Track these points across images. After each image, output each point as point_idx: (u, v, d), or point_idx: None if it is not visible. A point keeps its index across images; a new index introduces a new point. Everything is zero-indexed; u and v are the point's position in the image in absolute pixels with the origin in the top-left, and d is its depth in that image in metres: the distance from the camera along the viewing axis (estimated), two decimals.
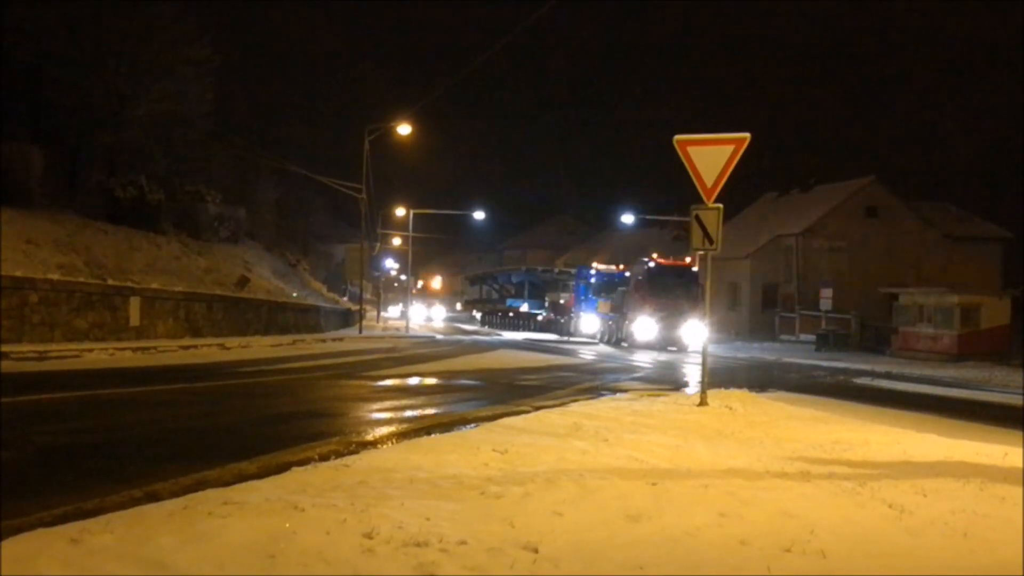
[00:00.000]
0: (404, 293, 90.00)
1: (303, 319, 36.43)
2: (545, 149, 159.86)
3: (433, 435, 8.22)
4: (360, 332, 37.45)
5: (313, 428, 9.43)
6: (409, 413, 11.11)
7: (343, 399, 12.73)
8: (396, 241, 68.69)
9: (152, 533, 4.29)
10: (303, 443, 8.14)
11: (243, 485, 5.49)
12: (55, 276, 21.06)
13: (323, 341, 30.35)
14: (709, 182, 11.20)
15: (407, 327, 45.98)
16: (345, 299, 59.24)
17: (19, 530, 4.69)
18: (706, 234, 11.30)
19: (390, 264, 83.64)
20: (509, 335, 48.98)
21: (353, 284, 70.16)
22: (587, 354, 30.22)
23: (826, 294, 43.41)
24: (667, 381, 17.89)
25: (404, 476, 5.86)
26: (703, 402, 11.40)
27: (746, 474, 6.48)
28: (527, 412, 10.76)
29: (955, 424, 12.56)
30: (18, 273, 19.78)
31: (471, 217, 63.02)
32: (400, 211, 57.15)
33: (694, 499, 5.59)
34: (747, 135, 11.08)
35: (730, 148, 11.09)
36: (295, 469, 6.19)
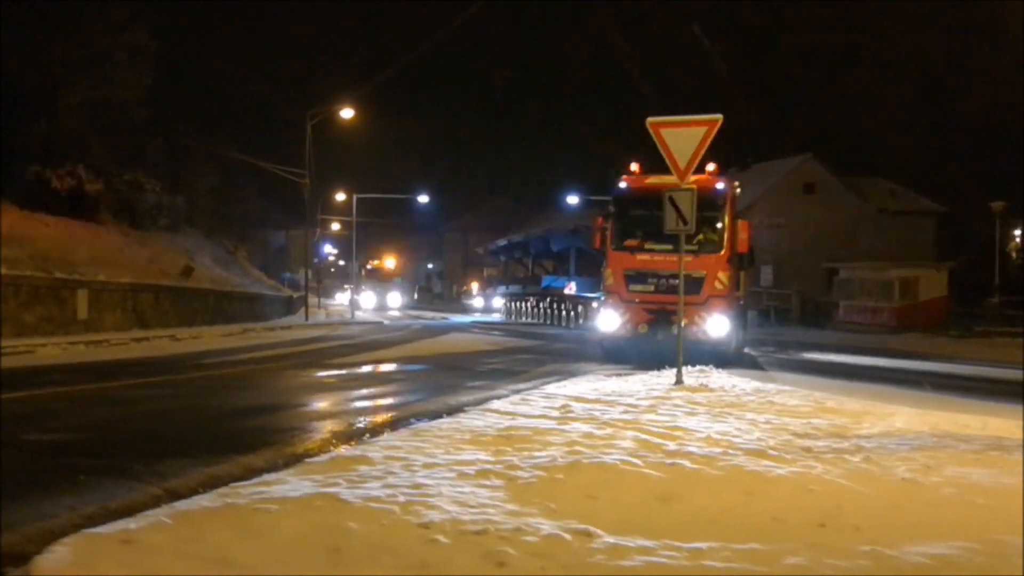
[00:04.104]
0: (344, 279, 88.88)
1: (249, 308, 36.00)
2: (484, 131, 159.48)
3: (429, 422, 8.20)
4: (307, 320, 37.13)
5: (300, 418, 9.42)
6: (390, 400, 11.13)
7: (317, 388, 12.69)
8: (335, 226, 68.02)
9: (203, 531, 4.25)
10: (297, 434, 8.15)
11: (270, 478, 5.45)
12: (2, 270, 20.52)
13: (272, 330, 30.06)
14: (682, 163, 11.36)
15: (352, 314, 45.62)
16: (285, 286, 58.54)
17: (52, 532, 4.63)
18: (680, 215, 11.44)
19: (328, 250, 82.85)
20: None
21: (291, 271, 69.45)
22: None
23: (766, 270, 44.12)
24: (626, 361, 17.62)
25: (424, 464, 5.88)
26: (679, 380, 11.55)
27: (752, 452, 6.59)
28: (507, 396, 10.83)
29: (919, 396, 12.84)
30: None
31: (412, 201, 62.32)
32: (340, 196, 56.69)
33: (714, 478, 5.69)
34: (719, 116, 11.24)
35: (702, 130, 11.24)
36: (308, 462, 6.16)
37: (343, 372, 15.09)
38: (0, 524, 4.86)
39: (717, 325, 17.00)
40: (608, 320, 18.14)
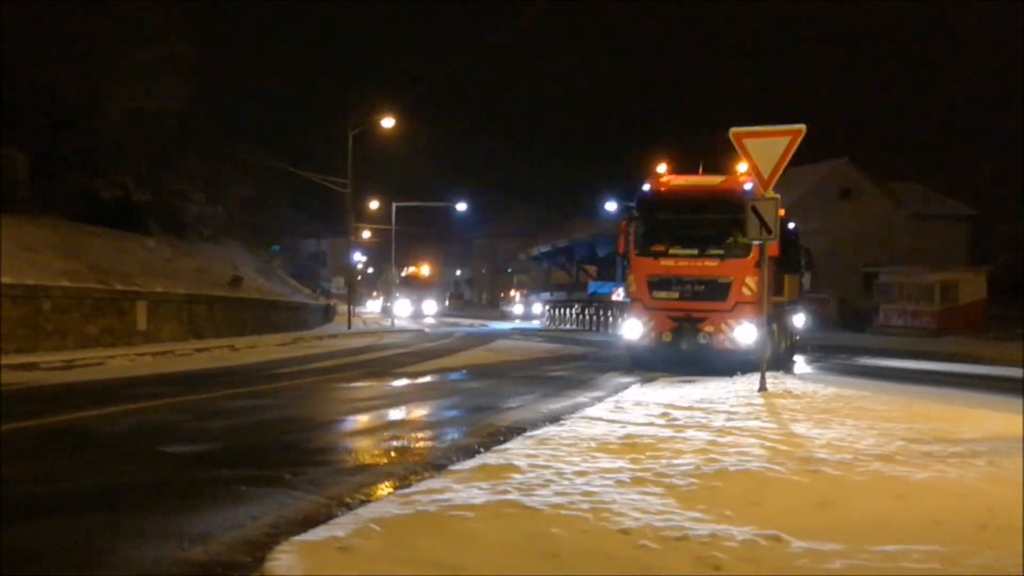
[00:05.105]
0: (371, 287, 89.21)
1: (293, 317, 36.40)
2: (511, 137, 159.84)
3: (542, 430, 8.40)
4: (350, 328, 37.46)
5: (406, 427, 9.75)
6: (482, 409, 11.28)
7: (404, 398, 12.99)
8: (365, 234, 68.54)
9: (412, 538, 4.49)
10: (416, 443, 8.47)
11: (435, 485, 5.68)
12: (66, 283, 20.90)
13: (321, 339, 30.34)
14: (766, 173, 11.54)
15: (392, 322, 45.99)
16: (319, 294, 58.97)
17: (248, 541, 4.88)
18: (763, 224, 11.61)
19: (358, 257, 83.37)
20: None
21: (325, 279, 69.92)
22: None
23: (804, 274, 44.14)
24: (678, 370, 16.31)
25: (576, 472, 6.10)
26: (763, 387, 11.71)
27: (881, 458, 6.76)
28: (591, 404, 11.14)
29: (989, 399, 12.92)
30: (30, 281, 19.62)
31: (443, 208, 62.58)
32: (374, 204, 57.16)
33: (861, 484, 5.88)
34: (802, 127, 11.41)
35: (786, 140, 11.41)
36: (454, 469, 6.40)
37: (417, 381, 15.32)
38: (188, 534, 5.11)
39: (746, 333, 16.09)
40: (632, 328, 17.32)
